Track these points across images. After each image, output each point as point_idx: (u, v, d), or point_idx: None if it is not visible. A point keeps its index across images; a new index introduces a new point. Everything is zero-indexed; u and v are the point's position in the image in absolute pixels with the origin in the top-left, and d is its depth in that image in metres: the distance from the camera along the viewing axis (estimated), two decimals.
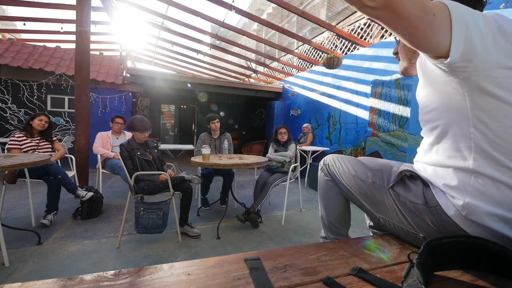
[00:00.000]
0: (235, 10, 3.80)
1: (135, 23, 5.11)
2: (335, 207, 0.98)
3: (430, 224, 0.63)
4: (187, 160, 4.00)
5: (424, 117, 0.66)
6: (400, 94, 3.16)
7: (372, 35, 4.26)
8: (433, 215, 0.62)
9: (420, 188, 0.66)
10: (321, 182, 1.01)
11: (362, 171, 0.83)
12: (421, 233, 0.66)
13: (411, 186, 0.69)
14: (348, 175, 0.87)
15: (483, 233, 0.55)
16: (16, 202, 2.88)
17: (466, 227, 0.57)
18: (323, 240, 1.04)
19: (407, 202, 0.68)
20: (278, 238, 2.21)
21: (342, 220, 0.99)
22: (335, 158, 0.95)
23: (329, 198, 0.98)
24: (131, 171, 2.10)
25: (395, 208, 0.71)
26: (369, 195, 0.80)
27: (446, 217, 0.60)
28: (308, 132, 4.92)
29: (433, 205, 0.62)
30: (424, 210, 0.64)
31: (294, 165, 2.75)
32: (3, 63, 4.71)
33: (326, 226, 1.01)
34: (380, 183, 0.76)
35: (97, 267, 1.66)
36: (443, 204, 0.60)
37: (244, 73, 8.15)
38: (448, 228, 0.60)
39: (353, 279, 0.54)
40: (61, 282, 0.50)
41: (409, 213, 0.68)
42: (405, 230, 0.71)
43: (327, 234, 1.02)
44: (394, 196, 0.71)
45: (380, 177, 0.77)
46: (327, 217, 0.99)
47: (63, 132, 5.26)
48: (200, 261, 0.59)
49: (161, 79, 5.69)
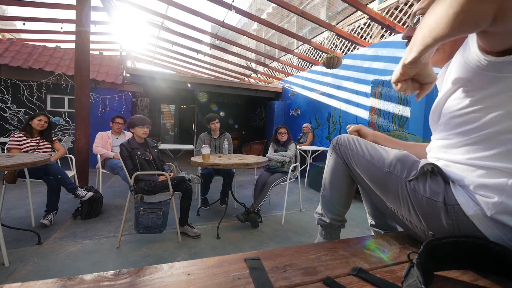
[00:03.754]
0: (235, 10, 3.80)
1: (135, 23, 5.10)
2: (341, 189, 0.94)
3: (444, 222, 0.61)
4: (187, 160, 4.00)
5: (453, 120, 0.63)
6: (400, 94, 3.16)
7: (372, 35, 4.26)
8: (448, 214, 0.61)
9: (441, 185, 0.64)
10: (330, 162, 0.97)
11: (379, 157, 0.78)
12: (430, 230, 0.65)
13: (431, 182, 0.65)
14: (362, 159, 0.83)
15: (500, 235, 0.55)
16: (16, 202, 2.88)
17: (484, 228, 0.56)
18: (318, 216, 1.01)
19: (423, 198, 0.65)
20: (278, 238, 2.21)
21: (343, 202, 0.97)
22: (350, 139, 0.90)
23: (336, 178, 0.95)
24: (131, 171, 2.10)
25: (408, 202, 0.69)
26: (382, 183, 0.76)
27: (464, 217, 0.58)
28: (308, 132, 4.92)
29: (451, 203, 0.60)
30: (441, 207, 0.62)
31: (294, 165, 2.75)
32: (3, 63, 4.71)
33: (326, 204, 0.99)
34: (398, 174, 0.72)
35: (97, 267, 1.66)
36: (463, 203, 0.59)
37: (244, 73, 8.14)
38: (462, 227, 0.59)
39: (353, 279, 0.54)
40: (61, 282, 0.50)
41: (422, 209, 0.65)
42: (414, 224, 0.69)
43: (325, 212, 0.99)
44: (409, 191, 0.68)
45: (400, 168, 0.72)
46: (330, 196, 0.97)
47: (63, 132, 5.26)
48: (200, 261, 0.59)
49: (161, 79, 5.68)
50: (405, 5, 3.57)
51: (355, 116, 4.04)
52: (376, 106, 3.54)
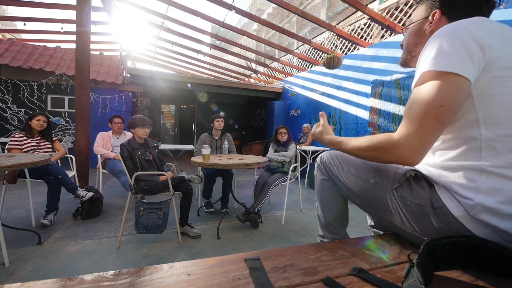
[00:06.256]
0: (235, 10, 3.80)
1: (135, 23, 5.11)
2: (332, 207, 0.95)
3: (435, 226, 0.62)
4: (187, 160, 4.00)
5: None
6: (400, 94, 3.16)
7: (372, 35, 4.26)
8: (438, 217, 0.61)
9: (426, 189, 0.65)
10: (318, 181, 0.97)
11: (363, 170, 0.80)
12: (424, 236, 0.65)
13: (416, 187, 0.67)
14: (348, 173, 0.83)
15: (490, 234, 0.55)
16: (16, 202, 2.88)
17: (473, 228, 0.56)
18: (320, 239, 1.02)
19: (412, 205, 0.66)
20: (278, 238, 2.21)
21: (340, 219, 0.97)
22: (333, 156, 0.91)
23: (326, 197, 0.95)
24: (131, 171, 2.11)
25: (399, 210, 0.69)
26: (370, 195, 0.77)
27: (452, 218, 0.58)
28: (308, 132, 4.92)
29: (439, 206, 0.61)
30: (429, 211, 0.62)
31: (294, 165, 2.75)
32: (3, 63, 4.72)
33: (324, 225, 0.99)
34: (383, 183, 0.73)
35: (97, 267, 1.66)
36: (449, 205, 0.59)
37: (244, 73, 8.15)
38: (453, 229, 0.59)
39: (353, 279, 0.54)
40: (61, 282, 0.50)
41: (413, 215, 0.66)
42: (408, 232, 0.69)
43: (324, 233, 1.00)
44: (398, 198, 0.69)
45: (384, 178, 0.74)
46: (324, 217, 0.97)
47: (63, 132, 5.26)
48: (200, 261, 0.59)
49: (161, 79, 5.68)
50: (405, 6, 3.57)
51: (355, 117, 4.04)
52: (376, 106, 3.54)
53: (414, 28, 0.74)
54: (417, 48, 0.73)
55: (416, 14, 0.75)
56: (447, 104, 0.52)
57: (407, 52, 0.78)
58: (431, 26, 0.69)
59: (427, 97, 0.53)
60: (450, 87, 0.52)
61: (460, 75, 0.51)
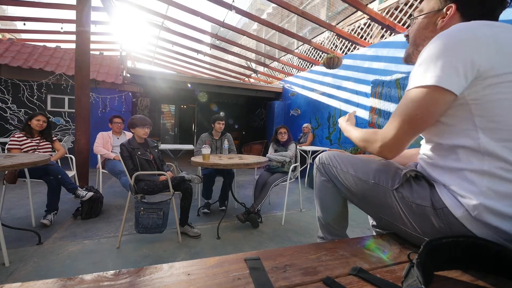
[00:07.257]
0: (235, 10, 3.80)
1: (135, 23, 5.11)
2: (332, 208, 0.94)
3: (436, 226, 0.61)
4: (187, 160, 4.00)
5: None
6: (400, 94, 3.16)
7: (372, 35, 4.26)
8: (439, 217, 0.61)
9: (427, 190, 0.64)
10: (317, 182, 0.96)
11: (363, 170, 0.79)
12: (425, 236, 0.64)
13: (417, 187, 0.66)
14: (347, 174, 0.83)
15: (491, 234, 0.55)
16: (16, 202, 2.88)
17: (474, 229, 0.56)
18: (320, 240, 1.02)
19: (413, 205, 0.65)
20: (278, 238, 2.21)
21: (340, 221, 0.96)
22: (332, 156, 0.90)
23: (325, 198, 0.94)
24: (131, 171, 2.11)
25: (399, 210, 0.69)
26: (370, 195, 0.76)
27: (454, 219, 0.58)
28: (308, 132, 4.92)
29: (440, 206, 0.60)
30: (430, 212, 0.62)
31: (294, 165, 2.75)
32: (3, 63, 4.72)
33: (323, 226, 0.98)
34: (383, 184, 0.72)
35: (97, 267, 1.66)
36: (450, 205, 0.59)
37: (244, 73, 8.14)
38: (454, 230, 0.59)
39: (353, 279, 0.54)
40: (61, 282, 0.50)
41: (413, 216, 0.66)
42: (408, 232, 0.69)
43: (324, 234, 0.99)
44: (398, 198, 0.69)
45: (384, 178, 0.73)
46: (324, 218, 0.96)
47: (63, 132, 5.26)
48: (200, 261, 0.59)
49: (161, 79, 5.68)
50: (405, 5, 3.57)
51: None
52: (376, 106, 3.54)
53: (424, 20, 0.71)
54: (425, 42, 0.68)
55: (428, 5, 0.70)
56: (422, 114, 0.58)
57: (413, 46, 0.75)
58: (443, 21, 0.66)
59: (407, 105, 0.60)
60: (428, 99, 0.57)
61: (442, 87, 0.54)
